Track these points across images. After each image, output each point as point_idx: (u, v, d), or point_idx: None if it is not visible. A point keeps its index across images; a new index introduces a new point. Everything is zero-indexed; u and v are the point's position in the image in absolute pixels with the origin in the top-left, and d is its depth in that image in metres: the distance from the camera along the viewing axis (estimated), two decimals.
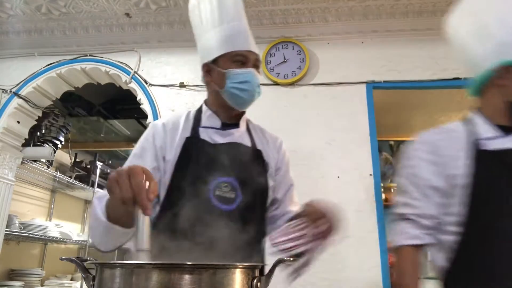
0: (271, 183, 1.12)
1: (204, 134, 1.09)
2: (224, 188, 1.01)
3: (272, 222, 1.16)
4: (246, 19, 1.17)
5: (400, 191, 1.11)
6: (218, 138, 1.10)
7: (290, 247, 0.86)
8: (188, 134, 1.08)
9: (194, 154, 1.04)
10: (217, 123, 1.12)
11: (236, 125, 1.14)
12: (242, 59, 1.08)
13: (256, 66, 1.11)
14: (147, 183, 0.69)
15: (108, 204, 0.85)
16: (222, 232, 0.95)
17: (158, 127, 1.10)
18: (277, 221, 1.15)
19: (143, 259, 0.65)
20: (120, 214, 0.82)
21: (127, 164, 1.04)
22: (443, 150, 1.08)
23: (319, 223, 0.90)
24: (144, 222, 0.67)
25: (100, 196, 0.92)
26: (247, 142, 1.14)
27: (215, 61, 1.10)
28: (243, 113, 1.18)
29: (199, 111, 1.16)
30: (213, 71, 1.11)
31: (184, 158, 1.03)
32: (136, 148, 1.09)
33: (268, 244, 1.01)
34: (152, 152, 1.05)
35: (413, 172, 1.09)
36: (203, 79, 1.15)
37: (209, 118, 1.13)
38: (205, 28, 1.13)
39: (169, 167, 1.03)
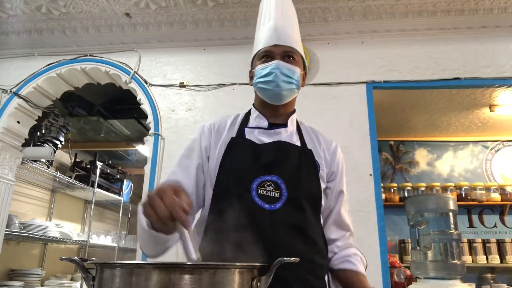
0: (323, 185, 1.08)
1: (250, 134, 1.09)
2: (268, 187, 0.99)
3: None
4: (287, 14, 1.18)
5: None
6: (264, 138, 1.09)
7: None
8: (233, 134, 1.10)
9: (238, 153, 1.04)
10: (264, 123, 1.12)
11: (284, 125, 1.13)
12: (267, 54, 1.10)
13: (288, 57, 1.11)
14: (179, 199, 0.72)
15: None
16: (267, 232, 0.93)
17: (205, 128, 1.12)
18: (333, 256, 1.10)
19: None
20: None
21: (175, 165, 1.08)
22: None
23: None
24: (187, 235, 0.71)
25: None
26: (296, 142, 1.12)
27: (251, 63, 1.16)
28: (291, 113, 1.17)
29: (248, 113, 1.18)
30: (251, 73, 1.16)
31: (227, 158, 1.04)
32: (185, 149, 1.12)
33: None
34: (198, 152, 1.08)
35: None
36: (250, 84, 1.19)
37: (256, 119, 1.13)
38: (257, 30, 1.19)
39: (214, 167, 1.04)
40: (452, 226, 2.17)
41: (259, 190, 0.98)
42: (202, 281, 0.57)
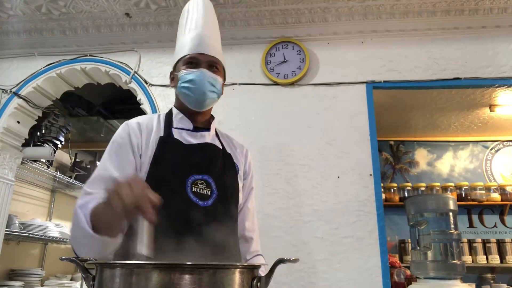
0: (240, 184, 1.20)
1: (177, 135, 1.13)
2: (200, 185, 1.05)
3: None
4: (212, 25, 1.23)
5: None
6: (191, 139, 1.14)
7: None
8: (161, 134, 1.12)
9: (169, 152, 1.08)
10: (189, 125, 1.17)
11: (207, 129, 1.20)
12: (193, 61, 1.14)
13: (212, 66, 1.15)
14: (148, 192, 0.73)
15: (95, 213, 0.87)
16: (202, 227, 0.99)
17: (133, 126, 1.12)
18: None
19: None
20: (107, 224, 0.84)
21: (105, 161, 1.06)
22: None
23: None
24: (147, 229, 0.70)
25: (81, 204, 0.92)
26: (218, 145, 1.20)
27: (175, 67, 1.20)
28: (211, 118, 1.24)
29: (169, 114, 1.20)
30: (173, 76, 1.21)
31: (159, 156, 1.07)
32: (112, 147, 1.10)
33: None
34: (129, 149, 1.08)
35: None
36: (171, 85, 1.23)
37: (180, 121, 1.17)
38: (177, 38, 1.24)
39: (144, 166, 1.06)
40: (452, 226, 2.17)
41: (193, 187, 1.04)
42: (202, 281, 0.57)
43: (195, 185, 1.04)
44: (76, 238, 0.90)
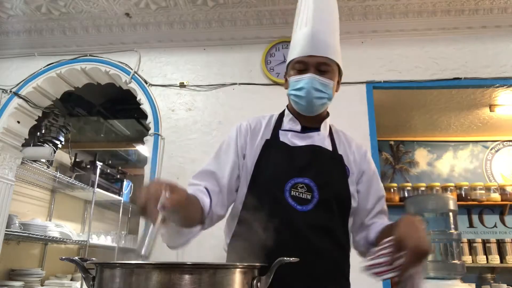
0: (352, 189, 1.10)
1: (283, 137, 1.12)
2: (300, 189, 1.02)
3: (364, 229, 1.15)
4: (327, 17, 1.14)
5: None
6: (297, 141, 1.11)
7: (378, 273, 0.85)
8: (268, 136, 1.12)
9: (272, 155, 1.07)
10: (297, 126, 1.14)
11: (317, 129, 1.15)
12: (301, 66, 1.09)
13: (319, 70, 1.08)
14: (167, 194, 0.74)
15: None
16: (296, 232, 0.98)
17: (242, 127, 1.15)
18: (369, 230, 1.14)
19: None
20: (181, 215, 0.86)
21: (211, 158, 1.12)
22: None
23: (400, 255, 0.85)
24: (150, 229, 0.72)
25: None
26: (328, 146, 1.13)
27: (287, 70, 1.16)
28: (325, 117, 1.18)
29: (281, 115, 1.20)
30: (286, 78, 1.17)
31: (263, 159, 1.07)
32: (221, 145, 1.14)
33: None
34: (234, 149, 1.11)
35: None
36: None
37: (289, 122, 1.16)
38: (293, 32, 1.17)
39: (249, 166, 1.08)
40: (452, 226, 2.17)
41: (292, 191, 1.01)
42: (202, 281, 0.57)
43: (294, 189, 1.01)
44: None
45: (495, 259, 3.62)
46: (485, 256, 3.66)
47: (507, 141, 4.21)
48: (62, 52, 2.82)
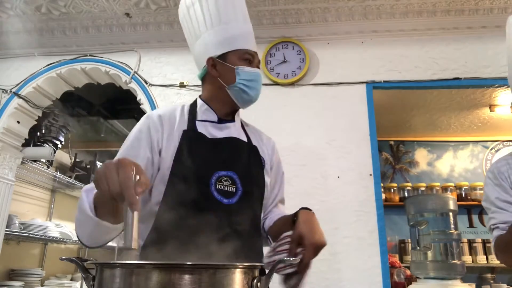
0: (267, 179, 1.15)
1: (201, 128, 1.09)
2: (225, 182, 1.01)
3: (264, 217, 1.19)
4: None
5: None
6: (215, 132, 1.10)
7: (278, 269, 0.85)
8: (184, 127, 1.07)
9: (193, 147, 1.03)
10: (214, 117, 1.13)
11: (232, 120, 1.16)
12: (250, 58, 1.12)
13: (258, 67, 1.15)
14: (137, 177, 0.67)
15: (96, 198, 0.84)
16: (224, 225, 0.96)
17: (154, 119, 1.07)
18: (266, 219, 1.19)
19: (131, 258, 0.62)
20: (108, 209, 0.81)
21: (119, 155, 1.03)
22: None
23: (298, 251, 0.87)
24: (132, 218, 0.64)
25: (87, 189, 0.89)
26: (243, 138, 1.15)
27: (221, 57, 1.11)
28: (237, 109, 1.19)
29: (193, 105, 1.16)
30: (219, 66, 1.11)
31: (183, 151, 1.02)
32: (129, 139, 1.06)
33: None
34: (147, 144, 1.03)
35: None
36: (204, 73, 1.15)
37: (205, 112, 1.13)
38: (208, 24, 1.14)
39: (167, 160, 1.02)
40: (452, 226, 2.17)
41: (217, 185, 1.00)
42: (202, 281, 0.57)
43: (219, 182, 1.00)
44: (80, 222, 0.88)
45: (495, 259, 3.62)
46: (485, 256, 3.66)
47: (507, 141, 4.21)
48: (62, 52, 2.82)
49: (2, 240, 2.68)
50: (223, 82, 1.11)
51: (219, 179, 1.01)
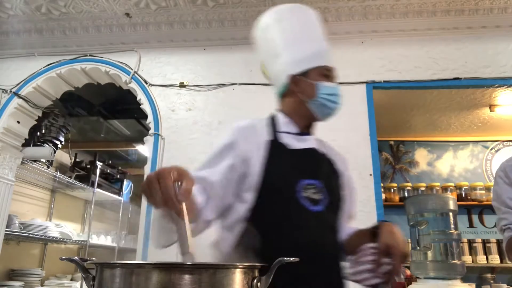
0: (343, 192, 1.17)
1: (283, 139, 1.13)
2: (310, 190, 1.04)
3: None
4: None
5: None
6: (295, 143, 1.14)
7: (361, 280, 0.87)
8: (268, 137, 1.11)
9: (279, 156, 1.08)
10: (294, 129, 1.18)
11: (310, 133, 1.22)
12: (329, 74, 1.18)
13: (335, 81, 1.20)
14: (178, 184, 0.69)
15: None
16: (314, 232, 1.00)
17: (243, 130, 1.12)
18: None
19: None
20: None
21: (204, 162, 1.06)
22: None
23: (385, 262, 0.91)
24: (183, 226, 0.67)
25: None
26: (322, 150, 1.20)
27: (304, 73, 1.17)
28: (314, 125, 1.25)
29: (272, 119, 1.20)
30: (301, 82, 1.17)
31: (271, 160, 1.06)
32: (217, 147, 1.10)
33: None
34: (232, 153, 1.06)
35: None
36: (285, 89, 1.20)
37: (286, 125, 1.18)
38: (287, 44, 1.21)
39: (256, 169, 1.04)
40: (452, 226, 2.17)
41: (304, 192, 1.03)
42: (202, 281, 0.57)
43: (305, 190, 1.03)
44: (152, 222, 0.90)
45: (495, 259, 3.62)
46: (485, 256, 3.66)
47: (507, 141, 4.21)
48: (62, 52, 2.82)
49: (2, 240, 2.68)
50: (305, 97, 1.17)
51: (305, 187, 1.04)
